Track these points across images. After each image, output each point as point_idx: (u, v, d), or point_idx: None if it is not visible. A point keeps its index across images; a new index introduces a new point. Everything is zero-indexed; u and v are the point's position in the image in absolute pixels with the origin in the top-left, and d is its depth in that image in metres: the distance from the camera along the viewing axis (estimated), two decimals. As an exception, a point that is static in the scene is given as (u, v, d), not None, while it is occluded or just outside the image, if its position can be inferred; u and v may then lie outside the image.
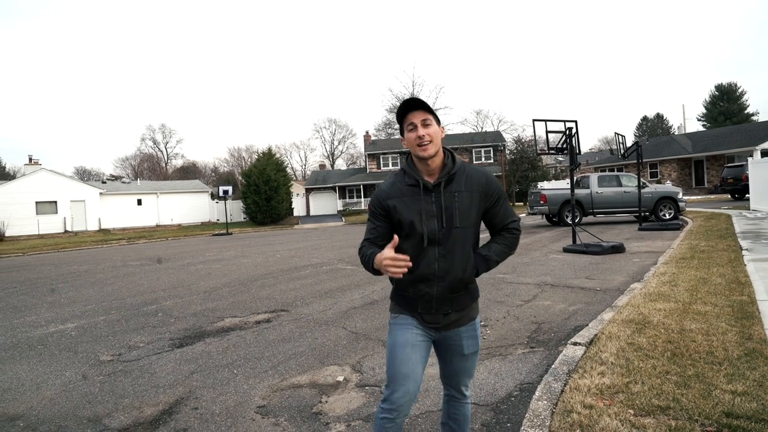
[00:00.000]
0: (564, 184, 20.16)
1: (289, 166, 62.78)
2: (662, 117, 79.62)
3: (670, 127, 74.44)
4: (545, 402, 3.19)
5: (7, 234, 32.51)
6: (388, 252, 1.95)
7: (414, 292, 2.10)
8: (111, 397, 3.95)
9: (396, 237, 2.00)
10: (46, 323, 6.80)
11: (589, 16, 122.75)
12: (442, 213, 2.04)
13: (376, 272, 2.06)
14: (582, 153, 12.84)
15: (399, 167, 2.24)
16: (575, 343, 4.31)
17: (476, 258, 2.14)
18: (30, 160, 39.50)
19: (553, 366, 3.86)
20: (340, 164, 78.52)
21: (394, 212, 2.08)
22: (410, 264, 1.95)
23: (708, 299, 5.33)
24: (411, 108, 2.05)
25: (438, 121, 2.09)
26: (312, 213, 47.65)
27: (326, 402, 3.64)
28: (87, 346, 5.51)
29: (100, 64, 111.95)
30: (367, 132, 53.29)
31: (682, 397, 3.00)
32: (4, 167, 69.32)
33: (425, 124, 2.03)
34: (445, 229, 2.04)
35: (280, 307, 6.99)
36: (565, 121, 11.84)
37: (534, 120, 11.96)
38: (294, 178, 62.88)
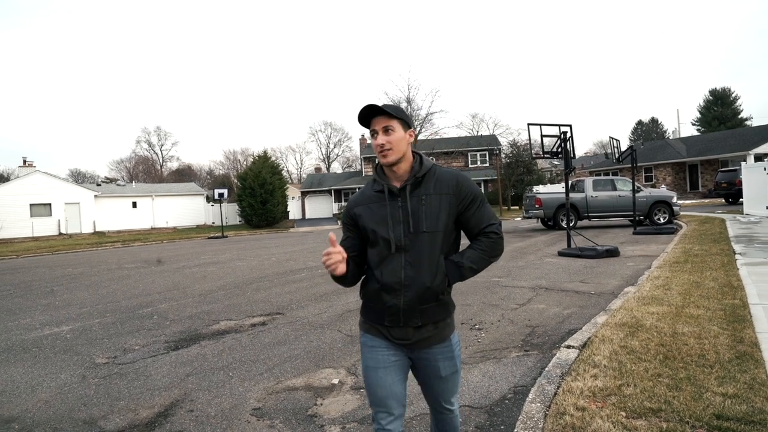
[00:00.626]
0: (559, 187, 20.21)
1: (285, 169, 62.68)
2: (657, 121, 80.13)
3: (665, 132, 74.84)
4: (538, 404, 3.22)
5: (1, 236, 32.45)
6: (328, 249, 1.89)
7: (380, 304, 1.97)
8: (106, 399, 3.96)
9: (331, 234, 1.93)
10: (41, 326, 6.79)
11: (585, 20, 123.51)
12: (409, 218, 1.93)
13: (340, 280, 2.02)
14: (577, 157, 12.91)
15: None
16: (569, 346, 4.35)
17: (447, 265, 1.97)
18: (24, 162, 39.31)
19: (546, 369, 3.89)
20: (336, 167, 78.60)
21: (359, 220, 2.01)
22: (343, 254, 1.91)
23: (701, 303, 5.38)
24: (371, 114, 1.94)
25: (407, 125, 1.98)
26: (308, 216, 47.63)
27: (321, 404, 3.66)
28: (82, 348, 5.51)
29: (96, 65, 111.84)
30: (363, 135, 53.41)
31: (674, 399, 3.04)
32: None
33: (386, 131, 1.93)
34: (411, 235, 1.92)
35: (276, 310, 7.00)
36: (559, 125, 11.91)
37: (529, 124, 12.03)
38: (290, 181, 62.81)
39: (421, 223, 1.92)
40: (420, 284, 1.91)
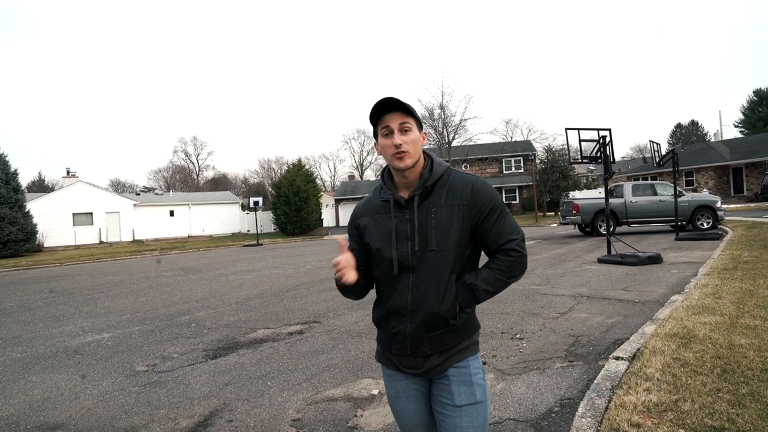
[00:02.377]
0: (596, 193, 19.69)
1: (319, 177, 63.02)
2: (697, 124, 77.56)
3: (706, 134, 72.39)
4: (589, 419, 3.07)
5: (45, 244, 33.31)
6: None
7: (387, 329, 1.79)
8: (147, 408, 3.98)
9: (341, 240, 1.77)
10: (83, 333, 6.93)
11: (620, 24, 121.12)
12: (416, 233, 1.70)
13: (348, 291, 1.85)
14: (615, 162, 12.52)
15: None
16: (617, 358, 4.16)
17: (458, 287, 1.73)
18: (68, 172, 40.46)
19: (595, 381, 3.72)
20: (369, 175, 78.77)
21: (365, 233, 1.81)
22: (351, 261, 1.73)
23: (756, 313, 5.10)
24: (387, 109, 1.70)
25: (420, 126, 1.77)
26: (341, 224, 47.87)
27: (362, 416, 3.59)
28: (122, 356, 5.59)
29: (135, 78, 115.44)
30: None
31: (738, 417, 2.85)
32: (43, 180, 71.76)
33: (403, 130, 1.70)
34: (419, 253, 1.70)
35: (313, 318, 6.98)
36: (598, 130, 11.62)
37: (567, 129, 11.77)
38: (323, 189, 63.29)
39: (429, 241, 1.69)
40: (426, 309, 1.69)
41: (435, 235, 1.69)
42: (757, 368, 3.57)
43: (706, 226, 17.07)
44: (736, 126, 63.80)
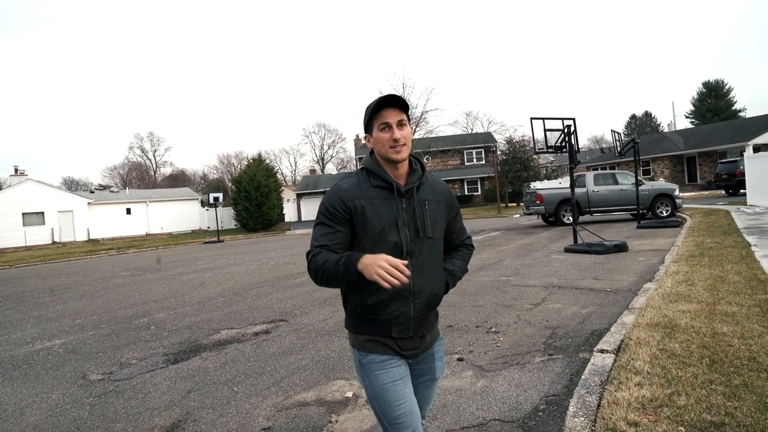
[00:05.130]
0: (556, 183, 19.95)
1: (279, 171, 61.79)
2: (651, 115, 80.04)
3: (659, 125, 74.70)
4: (582, 419, 2.90)
5: None
6: (386, 255, 1.65)
7: (387, 314, 1.81)
8: (102, 421, 3.62)
9: (400, 263, 1.64)
10: (32, 340, 6.42)
11: (575, 17, 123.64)
12: (416, 222, 1.84)
13: (343, 282, 1.74)
14: (580, 151, 12.60)
15: (360, 167, 1.95)
16: (602, 350, 4.03)
17: (445, 272, 1.98)
18: (16, 170, 38.70)
19: (583, 377, 3.57)
20: (331, 169, 78.02)
21: (361, 216, 1.79)
22: (409, 273, 1.64)
23: (732, 299, 5.09)
24: (388, 105, 1.82)
25: (409, 121, 1.91)
26: (303, 218, 47.24)
27: (336, 421, 3.34)
28: (75, 364, 5.15)
29: (87, 72, 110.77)
30: (357, 136, 53.00)
31: (736, 411, 2.73)
32: None
33: (401, 125, 1.82)
34: (418, 240, 1.83)
35: (279, 316, 6.65)
36: (563, 119, 11.64)
37: (532, 118, 11.75)
38: (284, 183, 62.09)
39: (426, 229, 1.86)
40: (429, 291, 1.87)
41: (430, 224, 1.87)
42: (744, 357, 3.49)
43: (665, 214, 17.46)
44: (687, 117, 66.13)
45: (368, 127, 1.87)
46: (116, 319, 7.30)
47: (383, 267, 1.60)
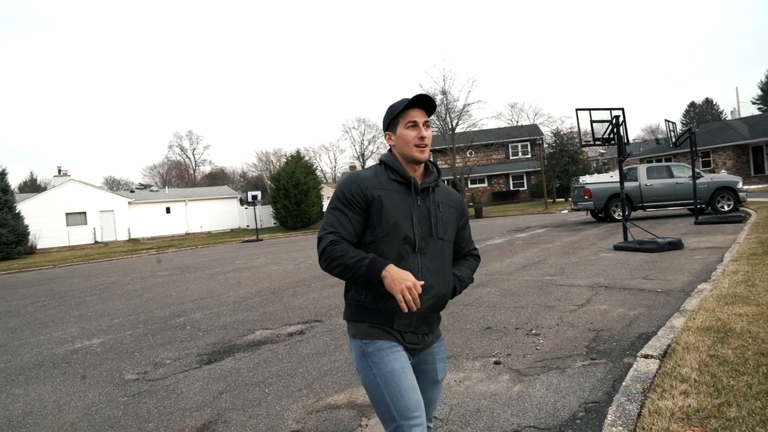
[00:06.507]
0: (607, 177, 19.17)
1: (319, 168, 61.27)
2: (712, 102, 75.87)
3: (721, 113, 70.77)
4: (620, 428, 2.71)
5: (39, 246, 32.40)
6: (412, 277, 1.70)
7: (391, 305, 1.77)
8: (135, 420, 3.68)
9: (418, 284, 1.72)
10: (72, 339, 6.64)
11: (628, 1, 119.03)
12: (430, 221, 1.87)
13: (357, 281, 1.79)
14: (629, 143, 12.02)
15: (378, 161, 2.01)
16: (647, 356, 3.78)
17: (453, 276, 1.99)
18: (59, 171, 39.69)
19: (624, 383, 3.35)
20: (371, 164, 77.66)
21: (378, 205, 1.80)
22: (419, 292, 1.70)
23: (796, 301, 4.69)
24: (420, 105, 1.89)
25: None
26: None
27: (367, 425, 3.27)
28: (112, 363, 5.29)
29: (126, 73, 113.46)
30: (398, 130, 52.69)
31: (795, 426, 2.47)
32: (35, 180, 69.67)
33: (427, 126, 1.89)
34: (432, 239, 1.86)
35: (314, 317, 6.64)
36: (611, 109, 11.15)
37: (577, 109, 11.31)
38: (324, 180, 61.62)
39: (438, 229, 1.88)
40: (438, 291, 1.87)
41: (442, 226, 1.90)
42: (807, 366, 3.18)
43: (727, 209, 16.52)
44: (753, 103, 62.29)
45: (392, 124, 1.92)
46: (153, 319, 7.47)
47: (410, 289, 1.65)
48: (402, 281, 1.65)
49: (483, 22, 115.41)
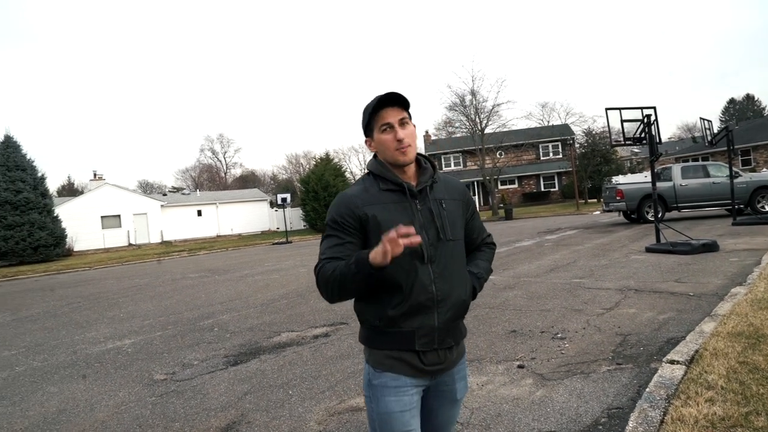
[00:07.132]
0: (641, 177, 18.71)
1: (348, 170, 61.38)
2: (753, 98, 73.34)
3: (763, 109, 68.36)
4: (642, 437, 2.66)
5: (75, 248, 33.29)
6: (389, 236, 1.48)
7: (409, 326, 1.66)
8: (162, 420, 3.78)
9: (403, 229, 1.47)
10: (105, 339, 6.85)
11: None
12: (435, 223, 1.70)
13: (359, 281, 1.57)
14: (661, 142, 11.71)
15: (365, 172, 1.83)
16: (672, 361, 3.70)
17: (470, 277, 1.83)
18: (95, 175, 41.04)
19: (647, 389, 3.29)
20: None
21: (374, 224, 1.66)
22: (412, 231, 1.47)
23: (834, 305, 4.51)
24: (386, 104, 1.69)
25: (410, 117, 1.76)
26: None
27: (385, 429, 3.28)
28: (142, 364, 5.45)
29: (160, 79, 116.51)
30: (427, 131, 52.55)
31: (825, 436, 2.38)
32: (73, 184, 72.10)
33: (402, 124, 1.70)
34: (437, 243, 1.69)
35: (340, 319, 6.70)
36: (642, 108, 10.91)
37: (607, 109, 11.12)
38: (353, 182, 61.87)
39: (446, 231, 1.72)
40: (456, 298, 1.72)
41: (450, 225, 1.73)
42: (842, 374, 3.06)
43: (767, 209, 15.94)
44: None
45: (368, 129, 1.75)
46: (182, 321, 7.63)
47: (388, 238, 1.45)
48: (382, 252, 1.46)
49: (512, 22, 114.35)
